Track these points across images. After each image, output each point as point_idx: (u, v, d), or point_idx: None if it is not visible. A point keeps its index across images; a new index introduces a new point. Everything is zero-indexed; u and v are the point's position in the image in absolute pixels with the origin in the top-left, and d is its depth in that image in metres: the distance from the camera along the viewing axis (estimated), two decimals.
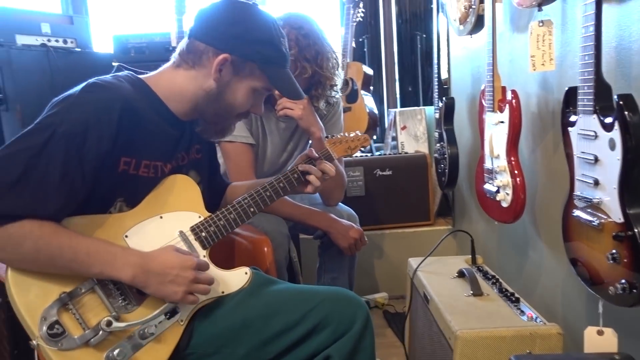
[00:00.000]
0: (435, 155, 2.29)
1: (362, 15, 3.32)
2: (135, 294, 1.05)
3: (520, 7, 1.55)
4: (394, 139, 2.93)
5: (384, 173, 2.59)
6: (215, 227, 1.19)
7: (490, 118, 1.68)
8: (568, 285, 1.55)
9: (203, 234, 1.18)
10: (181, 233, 1.15)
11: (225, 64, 1.13)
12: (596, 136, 1.10)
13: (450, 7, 2.09)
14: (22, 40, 2.93)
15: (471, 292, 1.52)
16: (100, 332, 0.98)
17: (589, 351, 1.15)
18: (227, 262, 1.34)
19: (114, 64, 3.21)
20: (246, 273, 1.21)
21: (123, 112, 1.04)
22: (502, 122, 1.62)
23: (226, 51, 1.12)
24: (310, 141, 1.83)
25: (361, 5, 3.30)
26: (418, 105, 3.46)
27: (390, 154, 2.80)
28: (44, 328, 0.94)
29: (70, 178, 0.98)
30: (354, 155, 1.94)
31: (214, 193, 1.40)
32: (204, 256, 1.17)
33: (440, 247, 1.80)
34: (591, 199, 1.13)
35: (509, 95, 1.59)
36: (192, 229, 1.17)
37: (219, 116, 1.21)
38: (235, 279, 1.20)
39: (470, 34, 1.94)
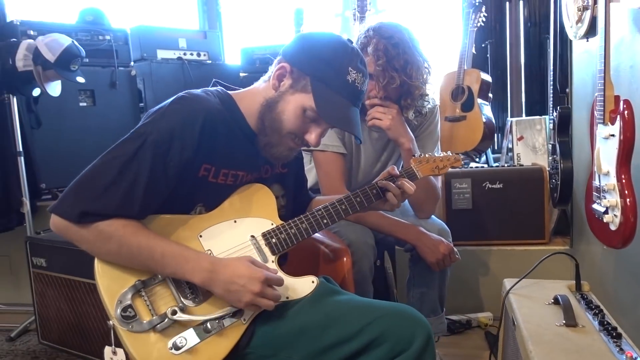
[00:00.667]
0: (549, 169, 2.12)
1: (484, 20, 3.18)
2: (204, 290, 1.14)
3: None
4: (510, 150, 2.76)
5: (494, 186, 2.45)
6: (286, 234, 1.24)
7: (600, 130, 1.52)
8: None
9: (274, 240, 1.23)
10: (252, 237, 1.22)
11: (285, 73, 1.19)
12: None
13: (566, 8, 1.92)
14: (162, 54, 3.28)
15: (564, 321, 1.38)
16: (166, 319, 1.08)
17: None
18: (309, 268, 1.39)
19: (241, 74, 3.46)
20: (313, 282, 1.23)
21: (205, 122, 1.14)
22: (612, 135, 1.46)
23: (287, 61, 1.19)
24: None
25: (483, 9, 3.16)
26: (546, 115, 3.23)
27: (502, 166, 2.64)
28: (119, 310, 1.07)
29: (155, 182, 1.10)
30: (457, 167, 1.87)
31: (298, 206, 1.46)
32: (273, 261, 1.22)
33: (553, 269, 1.65)
34: None
35: (621, 106, 1.43)
36: (264, 235, 1.23)
37: (270, 129, 1.22)
38: (302, 286, 1.23)
39: (587, 38, 1.77)
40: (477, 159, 3.04)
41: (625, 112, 1.41)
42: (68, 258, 2.12)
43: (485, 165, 2.87)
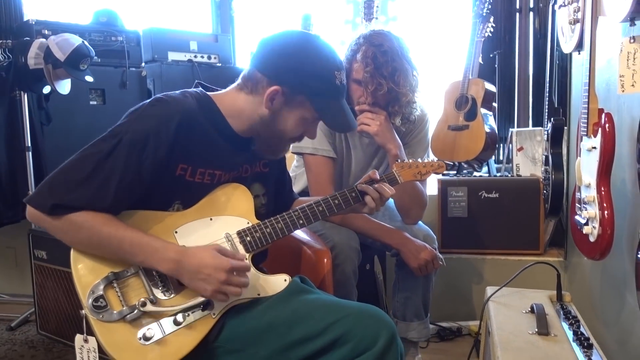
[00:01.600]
0: (542, 180, 2.12)
1: (492, 30, 3.19)
2: (175, 283, 1.18)
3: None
4: (509, 160, 2.76)
5: (490, 195, 2.46)
6: (261, 233, 1.27)
7: (584, 143, 1.53)
8: None
9: (248, 238, 1.26)
10: (227, 235, 1.26)
11: (277, 95, 1.22)
12: None
13: (559, 20, 1.93)
14: (172, 56, 3.35)
15: (536, 329, 1.39)
16: (136, 310, 1.12)
17: None
18: (290, 268, 1.42)
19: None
20: (285, 280, 1.27)
21: (181, 124, 1.18)
22: (594, 147, 1.47)
23: (278, 83, 1.21)
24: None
25: (491, 20, 3.16)
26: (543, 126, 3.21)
27: (498, 176, 2.65)
28: (90, 300, 1.12)
29: (128, 180, 1.14)
30: (449, 174, 1.87)
31: (280, 206, 1.49)
32: (246, 259, 1.25)
33: (543, 280, 1.67)
34: None
35: (603, 119, 1.44)
36: (239, 233, 1.27)
37: (272, 139, 1.31)
38: (274, 284, 1.26)
39: (578, 51, 1.78)
40: (479, 169, 3.04)
41: (607, 125, 1.42)
42: (68, 251, 2.18)
43: (486, 175, 2.87)
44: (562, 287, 1.60)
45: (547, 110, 2.18)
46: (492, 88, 3.13)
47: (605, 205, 1.42)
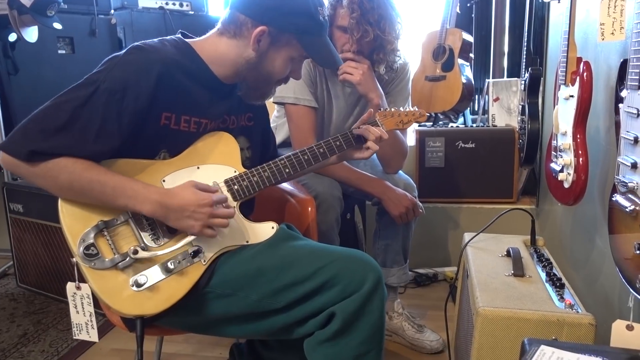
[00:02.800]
0: (517, 129, 2.17)
1: None
2: (165, 230, 1.19)
3: None
4: (486, 111, 2.80)
5: (467, 145, 2.51)
6: (248, 182, 1.28)
7: (562, 91, 1.56)
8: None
9: (235, 186, 1.27)
10: (214, 184, 1.26)
11: (263, 36, 1.20)
12: (638, 114, 1.00)
13: None
14: (143, 3, 3.22)
15: (512, 271, 1.46)
16: (128, 258, 1.13)
17: (615, 345, 1.08)
18: (275, 217, 1.43)
19: None
20: (273, 227, 1.29)
21: (162, 72, 1.15)
22: (572, 96, 1.50)
23: (263, 23, 1.19)
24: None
25: None
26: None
27: (475, 126, 2.69)
28: (81, 248, 1.11)
29: (107, 128, 1.12)
30: (427, 125, 1.88)
31: (265, 160, 1.48)
32: (234, 207, 1.26)
33: (517, 226, 1.73)
34: (627, 182, 1.03)
35: (581, 68, 1.46)
36: (226, 182, 1.27)
37: (259, 82, 1.29)
38: (262, 231, 1.28)
39: (557, 0, 1.79)
40: (455, 120, 3.08)
41: (585, 73, 1.44)
42: (44, 204, 2.17)
43: (462, 126, 2.92)
44: (535, 233, 1.68)
45: (524, 60, 2.20)
46: (469, 38, 3.13)
47: (580, 152, 1.46)
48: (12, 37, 2.47)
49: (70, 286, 1.17)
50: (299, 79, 1.37)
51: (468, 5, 3.45)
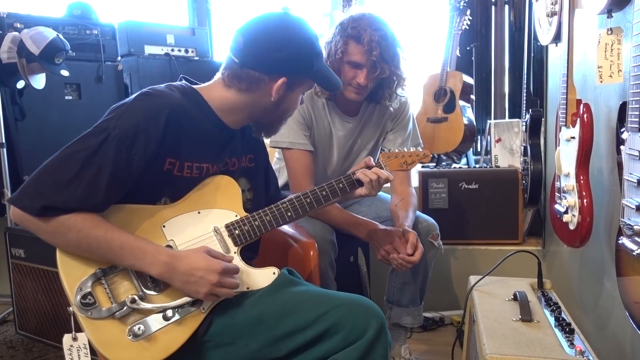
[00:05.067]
0: (520, 170, 2.16)
1: (469, 23, 3.22)
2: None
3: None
4: (488, 152, 2.80)
5: (470, 186, 2.50)
6: (249, 226, 1.27)
7: (563, 133, 1.56)
8: None
9: (237, 231, 1.26)
10: (215, 229, 1.25)
11: (282, 85, 1.23)
12: None
13: (536, 13, 1.96)
14: (149, 50, 3.30)
15: (520, 316, 1.42)
16: (125, 307, 1.11)
17: None
18: (278, 261, 1.42)
19: None
20: (274, 273, 1.27)
21: (170, 117, 1.16)
22: (573, 137, 1.50)
23: (282, 75, 1.22)
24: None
25: (468, 13, 3.20)
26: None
27: (477, 167, 2.69)
28: (78, 297, 1.10)
29: (118, 177, 1.12)
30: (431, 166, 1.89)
31: (267, 201, 1.48)
32: (235, 252, 1.25)
33: (523, 268, 1.70)
34: (632, 225, 1.01)
35: (581, 109, 1.47)
36: (227, 226, 1.26)
37: (275, 122, 1.34)
38: (263, 277, 1.26)
39: (555, 43, 1.82)
40: (458, 161, 3.08)
41: (585, 115, 1.45)
42: (46, 249, 2.11)
43: (465, 167, 2.92)
44: (542, 275, 1.64)
45: (525, 102, 2.21)
46: (469, 80, 3.17)
47: (584, 193, 1.45)
48: (20, 84, 2.51)
49: (67, 338, 1.15)
50: (302, 104, 1.41)
51: (468, 48, 3.51)
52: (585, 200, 1.44)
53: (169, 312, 1.14)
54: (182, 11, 3.96)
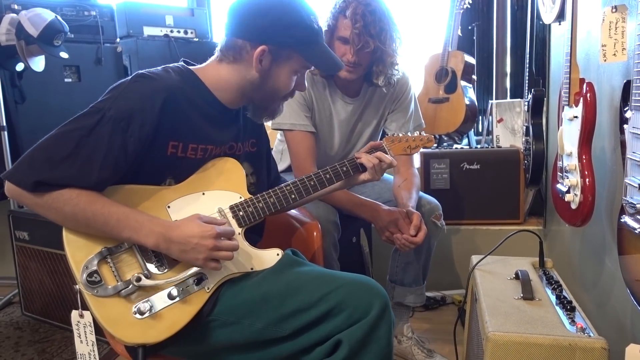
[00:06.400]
0: (522, 150, 2.16)
1: (470, 2, 3.19)
2: (169, 257, 1.18)
3: None
4: (490, 132, 2.79)
5: (472, 167, 2.50)
6: (253, 208, 1.27)
7: (565, 112, 1.56)
8: None
9: (241, 213, 1.26)
10: (220, 210, 1.25)
11: (264, 55, 1.21)
12: None
13: None
14: (148, 31, 3.26)
15: (521, 295, 1.43)
16: (131, 285, 1.12)
17: None
18: (281, 242, 1.43)
19: None
20: (278, 254, 1.28)
21: (167, 100, 1.16)
22: (576, 117, 1.50)
23: (263, 42, 1.20)
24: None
25: None
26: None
27: (479, 148, 2.69)
28: (84, 275, 1.11)
29: (112, 157, 1.12)
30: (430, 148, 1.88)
31: (269, 186, 1.48)
32: (239, 233, 1.26)
33: (525, 248, 1.71)
34: (635, 204, 1.02)
35: (584, 89, 1.46)
36: (231, 207, 1.26)
37: (265, 101, 1.31)
38: (267, 258, 1.27)
39: (559, 21, 1.80)
40: (460, 141, 3.08)
41: (588, 94, 1.44)
42: (50, 231, 2.16)
43: (467, 147, 2.91)
44: (544, 254, 1.65)
45: (527, 82, 2.20)
46: (471, 60, 3.15)
47: (586, 173, 1.45)
48: (20, 66, 2.50)
49: (74, 314, 1.16)
50: (304, 90, 1.37)
51: (469, 27, 3.48)
52: (587, 180, 1.44)
53: (174, 291, 1.15)
54: None
